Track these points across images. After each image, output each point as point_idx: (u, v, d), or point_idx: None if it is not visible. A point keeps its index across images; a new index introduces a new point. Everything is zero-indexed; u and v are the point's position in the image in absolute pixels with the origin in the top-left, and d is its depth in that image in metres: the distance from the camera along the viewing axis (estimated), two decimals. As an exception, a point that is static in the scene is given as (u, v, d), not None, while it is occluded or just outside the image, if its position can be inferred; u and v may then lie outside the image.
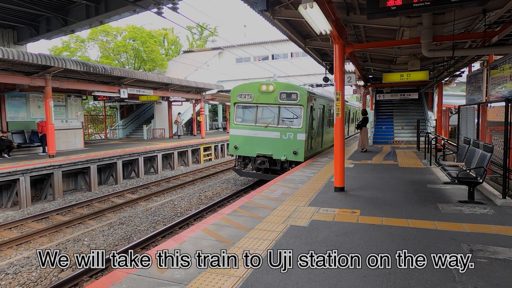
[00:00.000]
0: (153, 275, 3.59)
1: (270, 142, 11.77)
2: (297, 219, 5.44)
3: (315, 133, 13.18)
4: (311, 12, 5.51)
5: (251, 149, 12.16)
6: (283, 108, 11.86)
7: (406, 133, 19.79)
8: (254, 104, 12.26)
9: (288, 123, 11.73)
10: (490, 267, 3.68)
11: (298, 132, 11.51)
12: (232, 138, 12.60)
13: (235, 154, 12.66)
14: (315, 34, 8.45)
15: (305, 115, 11.46)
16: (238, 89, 12.58)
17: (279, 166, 11.78)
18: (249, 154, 12.31)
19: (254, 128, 12.09)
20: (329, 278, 3.49)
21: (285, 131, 11.67)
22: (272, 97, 11.82)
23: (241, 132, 12.34)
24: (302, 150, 11.48)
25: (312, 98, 12.25)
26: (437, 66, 15.32)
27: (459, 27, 8.77)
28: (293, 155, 11.56)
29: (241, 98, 12.37)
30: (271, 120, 12.00)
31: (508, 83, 8.08)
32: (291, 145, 11.53)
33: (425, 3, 4.66)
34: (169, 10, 11.36)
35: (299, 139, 11.45)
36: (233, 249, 4.25)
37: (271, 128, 11.85)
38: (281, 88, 11.75)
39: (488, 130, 8.82)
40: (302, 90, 11.66)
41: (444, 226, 5.01)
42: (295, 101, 11.55)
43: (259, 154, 11.95)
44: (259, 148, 11.98)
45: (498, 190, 6.63)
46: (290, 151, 11.55)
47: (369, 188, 7.61)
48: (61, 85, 14.13)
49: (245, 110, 12.60)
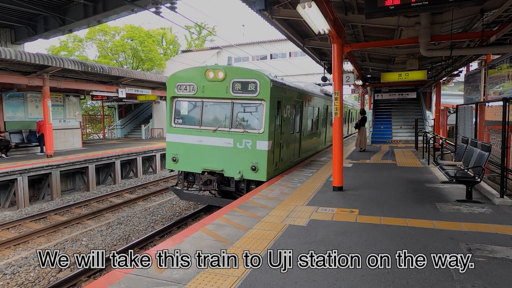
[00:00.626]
0: (152, 275, 3.58)
1: (221, 153, 8.46)
2: (296, 218, 5.44)
3: (289, 139, 9.95)
4: (310, 12, 5.51)
5: (195, 162, 8.77)
6: (238, 105, 8.48)
7: (404, 132, 19.83)
8: (199, 99, 8.85)
9: (245, 126, 8.40)
10: (488, 266, 3.69)
11: (258, 138, 8.13)
12: (170, 146, 9.18)
13: (173, 169, 9.27)
14: (313, 33, 8.45)
15: (268, 114, 8.08)
16: (176, 78, 9.07)
17: (233, 187, 8.53)
18: (192, 170, 8.88)
19: (199, 133, 8.73)
20: (328, 278, 3.49)
21: (240, 137, 8.29)
22: (223, 88, 8.38)
23: (181, 139, 8.99)
24: (264, 165, 8.10)
25: (280, 90, 8.92)
26: (435, 66, 15.36)
27: (457, 26, 8.80)
28: (252, 172, 8.17)
29: (181, 91, 8.93)
30: (222, 121, 8.69)
31: (506, 83, 8.11)
32: (249, 157, 8.19)
33: (423, 2, 4.67)
34: (167, 9, 11.35)
35: (260, 149, 8.11)
36: (232, 249, 4.25)
37: (221, 133, 8.47)
38: (234, 76, 8.33)
39: (486, 129, 8.86)
40: (263, 78, 8.12)
41: (442, 225, 5.02)
42: (253, 93, 8.13)
43: (206, 170, 8.53)
44: (205, 161, 8.61)
45: (496, 189, 6.66)
46: (248, 166, 8.19)
47: (368, 188, 7.62)
48: (59, 85, 14.11)
49: (186, 107, 9.34)
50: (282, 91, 9.04)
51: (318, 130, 13.92)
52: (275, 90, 8.42)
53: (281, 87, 9.02)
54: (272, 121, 8.29)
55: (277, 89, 8.61)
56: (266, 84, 8.05)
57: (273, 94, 8.25)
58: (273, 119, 8.36)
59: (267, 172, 8.15)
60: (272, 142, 8.41)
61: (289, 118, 9.87)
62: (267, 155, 8.09)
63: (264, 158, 8.11)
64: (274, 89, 8.29)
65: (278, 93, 8.65)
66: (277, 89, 8.61)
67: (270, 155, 8.28)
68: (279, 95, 8.75)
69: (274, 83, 8.37)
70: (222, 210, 5.93)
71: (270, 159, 8.30)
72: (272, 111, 8.26)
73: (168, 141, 9.23)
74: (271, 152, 8.39)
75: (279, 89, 8.77)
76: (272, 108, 8.29)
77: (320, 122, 14.17)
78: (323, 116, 14.82)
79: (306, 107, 11.70)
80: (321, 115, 14.26)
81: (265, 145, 8.09)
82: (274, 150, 8.62)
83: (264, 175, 8.13)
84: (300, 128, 11.14)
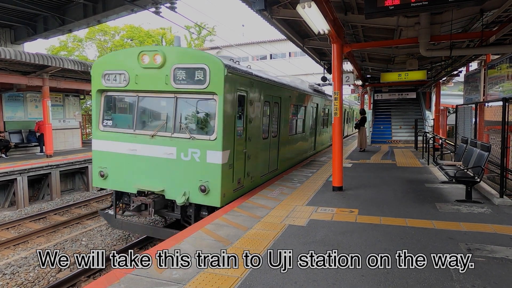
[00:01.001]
0: (152, 275, 3.58)
1: (161, 167, 6.34)
2: (296, 218, 5.44)
3: (260, 147, 7.69)
4: (309, 12, 5.52)
5: (128, 179, 6.63)
6: (182, 100, 6.33)
7: (404, 132, 19.85)
8: (132, 93, 6.72)
9: (192, 130, 6.26)
10: (488, 266, 3.69)
11: (210, 147, 5.98)
12: (97, 157, 7.04)
13: (101, 186, 7.13)
14: (313, 33, 8.44)
15: (222, 114, 5.88)
16: (102, 64, 6.96)
17: (179, 213, 6.42)
18: (125, 189, 6.74)
19: (133, 139, 6.59)
20: (328, 278, 3.49)
21: (186, 145, 6.13)
22: (162, 78, 6.24)
23: (110, 147, 6.83)
24: (217, 184, 5.92)
25: (244, 81, 6.70)
26: (434, 66, 15.38)
27: (457, 26, 8.80)
28: (200, 194, 6.00)
29: (109, 82, 6.79)
30: (162, 123, 6.48)
31: (505, 83, 8.12)
32: (197, 174, 6.02)
33: (423, 2, 4.67)
34: (167, 9, 11.35)
35: (212, 162, 5.94)
36: (232, 249, 4.25)
37: (161, 140, 6.34)
38: (176, 60, 6.16)
39: (486, 129, 8.87)
40: (214, 62, 5.92)
41: (442, 225, 5.02)
42: (202, 84, 5.93)
43: (141, 189, 6.43)
44: (141, 177, 6.49)
45: (496, 190, 6.66)
46: (196, 186, 6.01)
47: (367, 188, 7.63)
48: (59, 85, 14.10)
49: (116, 103, 7.20)
50: (246, 82, 6.84)
51: (305, 133, 12.07)
52: (234, 81, 6.24)
53: (245, 77, 6.77)
54: (229, 123, 6.11)
55: (238, 79, 6.42)
56: (218, 71, 5.82)
57: (231, 86, 6.13)
58: (230, 120, 6.17)
59: (221, 195, 5.91)
60: (231, 152, 6.20)
61: (259, 119, 7.59)
62: (221, 171, 5.87)
63: (217, 175, 5.88)
64: (231, 79, 6.10)
65: (239, 85, 6.48)
66: (238, 80, 6.43)
67: (226, 171, 6.07)
68: (241, 88, 6.60)
69: (231, 71, 6.10)
70: (222, 211, 5.93)
71: (226, 175, 6.10)
72: (229, 110, 6.08)
73: (94, 150, 7.02)
74: (229, 166, 6.17)
75: (240, 79, 6.55)
76: (229, 105, 6.10)
77: (308, 124, 12.34)
78: (312, 116, 13.01)
79: (287, 105, 9.60)
80: (309, 115, 12.37)
81: (218, 157, 5.88)
82: (235, 163, 6.44)
83: (217, 199, 5.91)
84: (278, 132, 8.95)
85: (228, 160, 6.14)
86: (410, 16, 7.92)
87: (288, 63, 36.30)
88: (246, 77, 6.86)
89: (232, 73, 6.16)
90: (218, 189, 5.94)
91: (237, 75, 6.42)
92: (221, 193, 5.96)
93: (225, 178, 6.09)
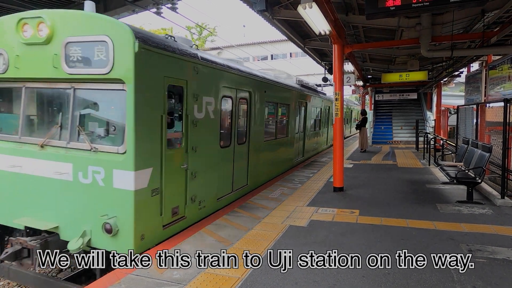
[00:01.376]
0: (152, 275, 3.58)
1: (52, 192, 4.39)
2: (296, 219, 5.44)
3: (214, 159, 5.69)
4: (310, 12, 5.52)
5: (10, 208, 4.69)
6: (82, 93, 4.37)
7: (405, 133, 19.85)
8: (16, 83, 4.76)
9: (95, 138, 4.27)
10: (489, 267, 3.69)
11: (116, 165, 4.01)
12: None
13: None
14: (314, 34, 8.44)
15: (134, 112, 3.87)
16: None
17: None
18: (6, 222, 4.72)
19: (17, 151, 4.64)
20: (328, 278, 3.49)
21: (85, 161, 4.17)
22: (49, 59, 4.21)
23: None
24: (129, 221, 3.95)
25: (177, 64, 4.69)
26: (436, 67, 15.36)
27: (458, 27, 8.79)
28: (106, 236, 4.01)
29: None
30: (55, 127, 4.43)
31: (507, 83, 8.11)
32: (101, 204, 4.08)
33: (424, 3, 4.67)
34: (168, 10, 11.36)
35: (120, 188, 3.98)
36: (232, 249, 4.25)
37: (53, 152, 4.36)
38: (69, 31, 4.11)
39: (487, 130, 8.85)
40: (119, 32, 3.89)
41: (443, 226, 5.01)
42: (103, 67, 3.93)
43: (28, 226, 4.43)
44: (27, 207, 4.57)
45: (497, 190, 6.65)
46: (99, 223, 4.01)
47: (368, 188, 7.62)
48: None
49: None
50: (185, 67, 4.79)
51: (289, 136, 9.99)
52: (158, 63, 4.28)
53: (182, 59, 4.69)
54: (150, 128, 4.18)
55: (167, 60, 4.43)
56: (124, 45, 3.85)
57: (151, 70, 4.17)
58: (152, 122, 4.22)
59: (136, 237, 3.96)
60: (155, 172, 4.24)
61: (214, 121, 5.55)
62: (134, 201, 3.92)
63: (129, 207, 3.94)
64: (151, 60, 4.15)
65: (170, 69, 4.50)
66: (167, 62, 4.44)
67: (145, 200, 4.13)
68: (175, 75, 4.60)
69: (150, 46, 4.08)
70: (222, 211, 5.93)
71: (146, 207, 4.15)
72: (148, 106, 4.14)
73: None
74: (152, 192, 4.22)
75: (173, 61, 4.55)
76: (150, 100, 4.15)
77: (293, 126, 10.25)
78: (300, 117, 11.10)
79: (262, 103, 7.64)
80: (294, 115, 10.35)
81: (130, 180, 3.92)
82: (165, 186, 4.47)
83: (129, 242, 3.95)
84: (247, 137, 7.03)
85: (149, 184, 4.15)
86: (411, 17, 7.91)
87: (289, 64, 36.32)
88: (184, 59, 4.71)
89: (152, 50, 4.08)
90: (131, 229, 3.92)
91: (165, 55, 4.35)
92: (135, 235, 3.94)
93: (144, 210, 4.09)
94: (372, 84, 19.25)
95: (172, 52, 4.50)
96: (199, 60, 5.06)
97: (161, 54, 4.30)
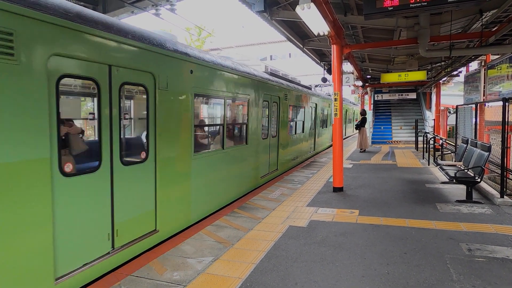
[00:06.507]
0: (152, 276, 3.58)
1: None
2: (296, 219, 5.44)
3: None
4: (309, 13, 5.53)
5: None
6: None
7: (404, 133, 19.86)
8: None
9: None
10: (488, 266, 3.69)
11: None
12: None
13: None
14: (313, 34, 8.47)
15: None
16: None
17: None
18: None
19: None
20: (328, 279, 3.49)
21: None
22: None
23: None
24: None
25: (55, 30, 2.94)
26: (434, 66, 15.39)
27: (456, 27, 8.81)
28: None
29: None
30: None
31: (505, 83, 8.13)
32: None
33: (422, 3, 4.68)
34: (167, 11, 11.37)
35: None
36: (232, 250, 4.25)
37: None
38: None
39: (486, 129, 8.87)
40: None
41: (443, 225, 5.02)
42: None
43: None
44: None
45: (496, 190, 6.66)
46: None
47: (368, 188, 7.62)
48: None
49: None
50: (67, 34, 3.14)
51: (249, 144, 7.42)
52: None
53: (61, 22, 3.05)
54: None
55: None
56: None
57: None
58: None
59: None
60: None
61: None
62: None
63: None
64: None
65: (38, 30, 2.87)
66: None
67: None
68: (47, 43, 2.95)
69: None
70: (222, 212, 5.94)
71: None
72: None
73: None
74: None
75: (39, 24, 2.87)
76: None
77: (254, 128, 7.67)
78: (274, 118, 9.07)
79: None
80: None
81: None
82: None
83: None
84: (154, 149, 4.54)
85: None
86: (410, 17, 7.93)
87: (288, 64, 36.35)
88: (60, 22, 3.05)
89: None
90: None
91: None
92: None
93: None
94: (371, 84, 19.28)
95: (41, 6, 2.93)
96: (106, 34, 3.56)
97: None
